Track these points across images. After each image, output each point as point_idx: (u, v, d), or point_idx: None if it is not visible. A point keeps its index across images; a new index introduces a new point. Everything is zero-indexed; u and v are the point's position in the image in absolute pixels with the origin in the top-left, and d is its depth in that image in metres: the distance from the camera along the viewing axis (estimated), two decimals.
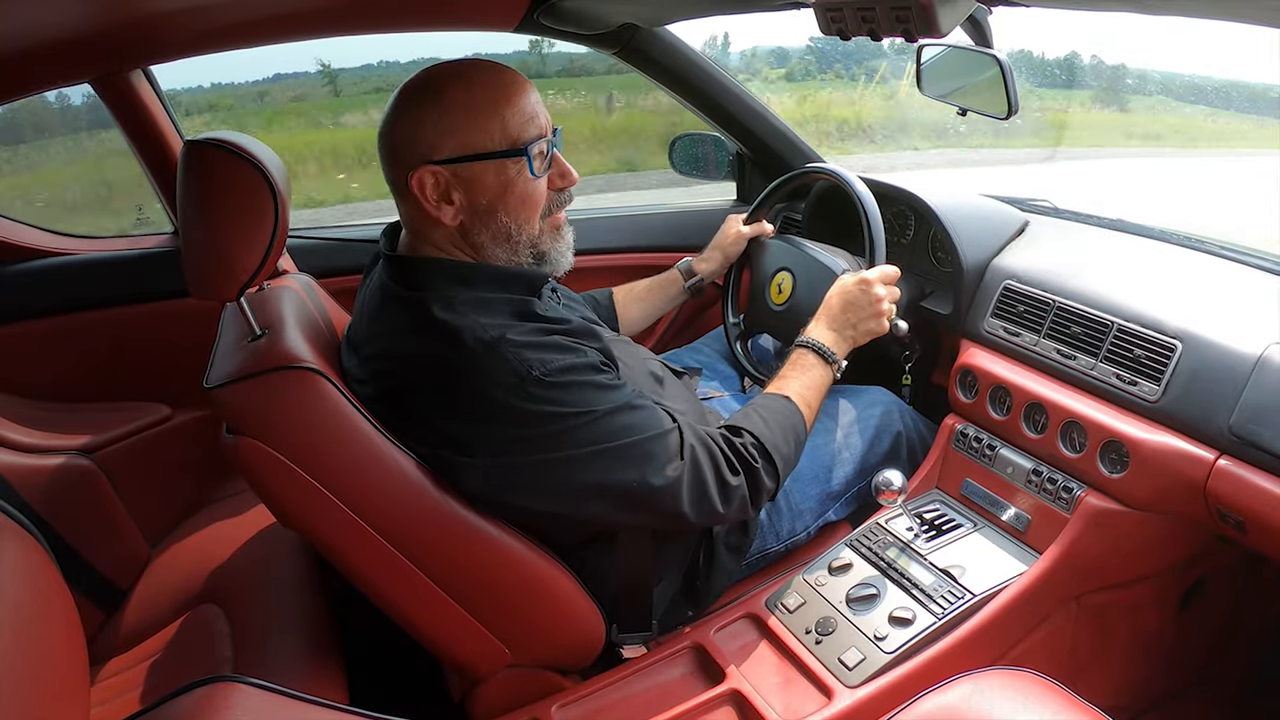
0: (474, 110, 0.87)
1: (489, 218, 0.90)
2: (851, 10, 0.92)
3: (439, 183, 0.88)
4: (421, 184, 0.88)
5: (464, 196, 0.89)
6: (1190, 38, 10.70)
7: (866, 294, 1.14)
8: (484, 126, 0.87)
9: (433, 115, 0.87)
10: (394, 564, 0.88)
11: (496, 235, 0.91)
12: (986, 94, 1.12)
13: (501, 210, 0.90)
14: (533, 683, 0.98)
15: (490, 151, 0.88)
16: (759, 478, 0.97)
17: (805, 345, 1.12)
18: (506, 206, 0.90)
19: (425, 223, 0.91)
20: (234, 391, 0.85)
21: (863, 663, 0.95)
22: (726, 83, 1.60)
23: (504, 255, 0.93)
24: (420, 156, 0.87)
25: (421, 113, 0.87)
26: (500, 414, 0.85)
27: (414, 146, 0.87)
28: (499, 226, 0.91)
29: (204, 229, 0.90)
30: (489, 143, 0.88)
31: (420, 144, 0.87)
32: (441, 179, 0.88)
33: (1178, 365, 0.98)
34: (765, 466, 0.98)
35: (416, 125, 0.87)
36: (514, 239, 0.92)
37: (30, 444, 1.21)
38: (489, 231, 0.91)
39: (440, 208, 0.89)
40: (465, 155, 0.87)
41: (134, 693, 0.99)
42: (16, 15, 0.83)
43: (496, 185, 0.89)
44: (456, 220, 0.90)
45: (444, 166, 0.88)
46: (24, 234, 1.44)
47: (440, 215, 0.89)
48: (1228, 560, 1.14)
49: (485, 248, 0.92)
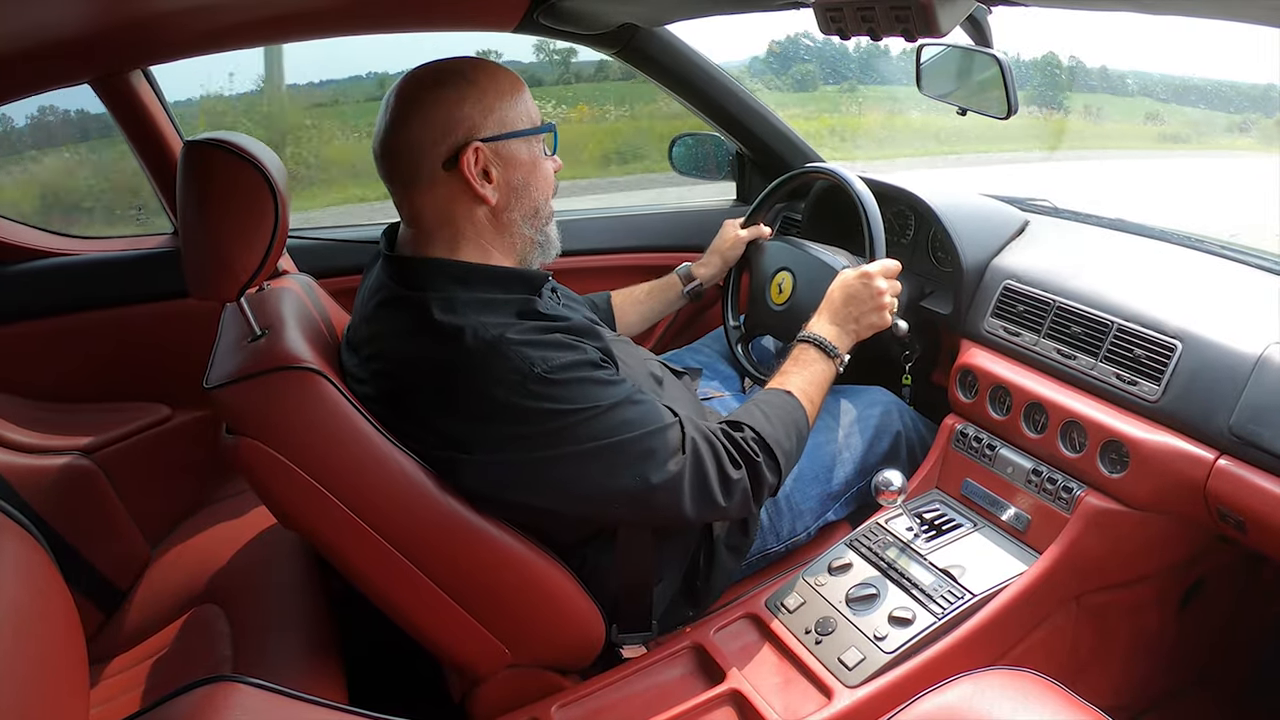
0: (502, 92, 0.92)
1: (523, 194, 0.95)
2: (851, 10, 0.92)
3: (480, 160, 0.91)
4: (470, 162, 0.90)
5: (502, 173, 0.92)
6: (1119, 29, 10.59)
7: (868, 287, 1.14)
8: (514, 106, 0.92)
9: (471, 96, 0.90)
10: (394, 564, 0.88)
11: (526, 212, 0.96)
12: (986, 94, 1.12)
13: (533, 186, 0.95)
14: (533, 683, 0.98)
15: (524, 129, 0.93)
16: (760, 472, 0.97)
17: (807, 340, 1.12)
18: (536, 182, 0.95)
19: (460, 207, 0.92)
20: (234, 392, 0.85)
21: (863, 663, 0.95)
22: (726, 83, 1.60)
23: (528, 232, 0.97)
24: (466, 134, 0.90)
25: (457, 94, 0.90)
26: (502, 412, 0.85)
27: (458, 126, 0.90)
28: (530, 203, 0.95)
29: (204, 229, 0.90)
30: (520, 121, 0.93)
31: (464, 123, 0.90)
32: (483, 156, 0.90)
33: (1178, 365, 0.98)
34: (767, 460, 0.97)
35: (453, 107, 0.90)
36: (540, 214, 0.97)
37: (30, 444, 1.21)
38: (521, 209, 0.95)
39: (483, 185, 0.91)
40: (506, 132, 0.91)
41: (134, 692, 0.99)
42: (16, 15, 0.83)
43: (529, 161, 0.94)
44: (495, 198, 0.93)
45: (487, 144, 0.90)
46: (24, 234, 1.44)
47: (484, 193, 0.92)
48: (1228, 560, 1.14)
49: (515, 225, 0.95)
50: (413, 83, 0.91)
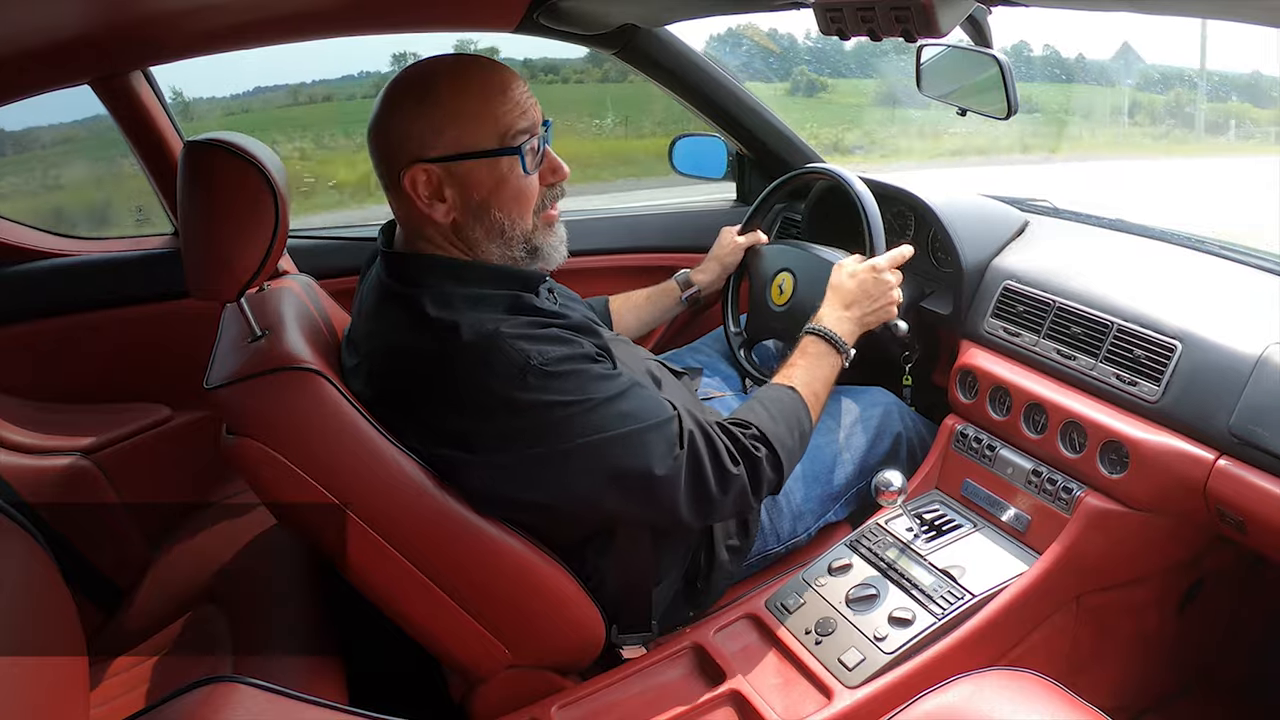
0: (466, 108, 0.87)
1: (482, 214, 0.90)
2: (851, 10, 0.92)
3: (431, 180, 0.88)
4: (414, 182, 0.87)
5: (457, 194, 0.89)
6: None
7: (878, 280, 1.14)
8: (477, 124, 0.87)
9: (425, 112, 0.86)
10: (394, 564, 0.88)
11: (490, 231, 0.91)
12: (986, 94, 1.12)
13: (495, 206, 0.90)
14: (533, 683, 0.98)
15: (483, 150, 0.87)
16: (761, 469, 0.96)
17: (814, 333, 1.11)
18: (500, 203, 0.90)
19: (418, 220, 0.91)
20: (234, 392, 0.85)
21: (862, 663, 0.95)
22: (726, 83, 1.60)
23: (498, 251, 0.92)
24: (412, 154, 0.87)
25: (414, 110, 0.87)
26: (500, 406, 0.85)
27: (406, 143, 0.87)
28: (492, 222, 0.90)
29: (204, 229, 0.90)
30: (482, 140, 0.87)
31: (412, 141, 0.87)
32: (434, 176, 0.87)
33: (1178, 365, 0.98)
34: (769, 458, 0.97)
35: (409, 122, 0.87)
36: (507, 234, 0.91)
37: (30, 444, 1.21)
38: (482, 228, 0.91)
39: (433, 205, 0.89)
40: (458, 154, 0.87)
41: (134, 692, 0.99)
42: (16, 15, 0.83)
43: (490, 182, 0.89)
44: (449, 217, 0.90)
45: (437, 164, 0.87)
46: (24, 234, 1.44)
47: (432, 213, 0.89)
48: (1228, 560, 1.14)
49: (479, 244, 0.92)
50: (391, 84, 0.89)
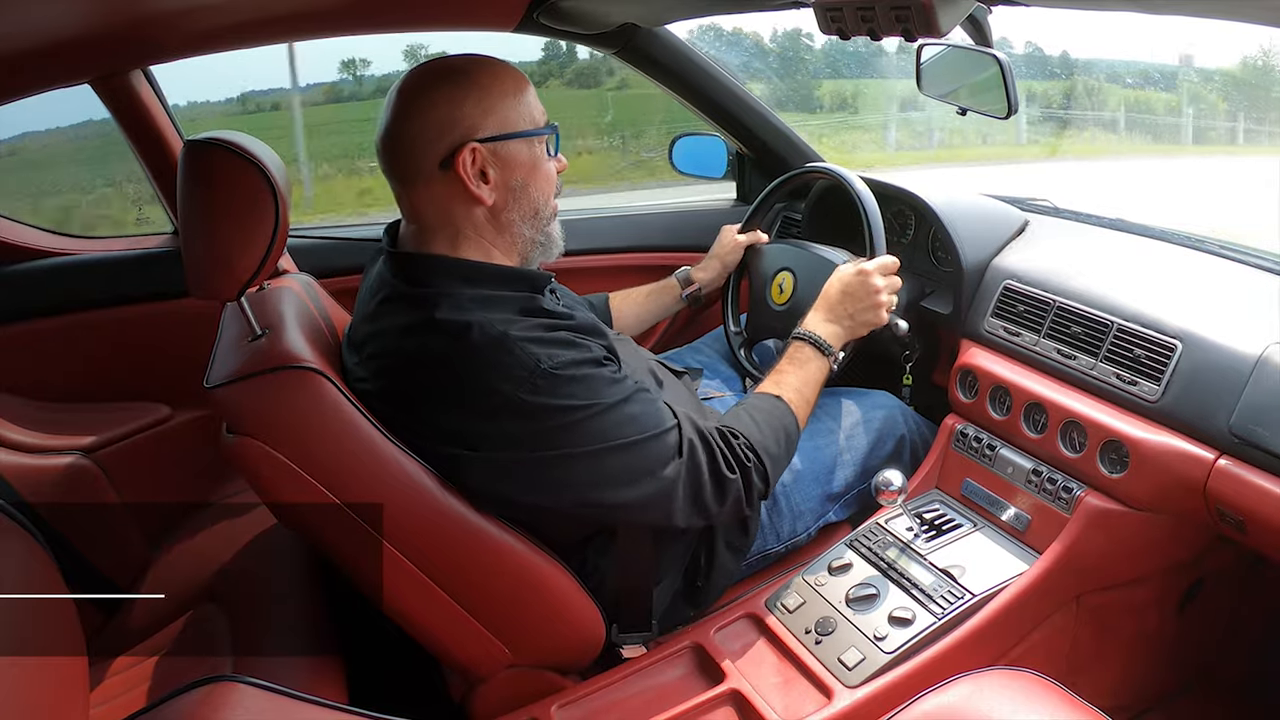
0: (505, 92, 0.91)
1: (521, 195, 0.94)
2: (851, 10, 0.92)
3: (477, 160, 0.90)
4: (465, 163, 0.89)
5: (500, 174, 0.92)
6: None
7: (865, 284, 1.14)
8: (515, 107, 0.92)
9: (472, 95, 0.90)
10: (394, 564, 0.88)
11: (525, 213, 0.95)
12: (986, 93, 1.12)
13: (532, 187, 0.94)
14: (533, 683, 0.98)
15: (525, 130, 0.92)
16: (752, 478, 0.97)
17: (801, 338, 1.12)
18: (536, 183, 0.94)
19: (458, 206, 0.92)
20: (234, 391, 0.85)
21: (862, 663, 0.95)
22: (726, 83, 1.60)
23: (529, 233, 0.96)
24: (463, 135, 0.89)
25: (457, 95, 0.89)
26: (507, 408, 0.85)
27: (455, 126, 0.89)
28: (529, 203, 0.95)
29: (204, 229, 0.90)
30: (522, 121, 0.92)
31: (462, 123, 0.89)
32: (480, 156, 0.90)
33: (1178, 365, 0.98)
34: (757, 467, 0.98)
35: (454, 106, 0.89)
36: (540, 215, 0.96)
37: (31, 444, 1.21)
38: (519, 209, 0.94)
39: (479, 186, 0.91)
40: (505, 133, 0.91)
41: (134, 692, 0.99)
42: (16, 15, 0.83)
43: (529, 162, 0.93)
44: (492, 199, 0.92)
45: (484, 145, 0.89)
46: (24, 234, 1.44)
47: (480, 194, 0.91)
48: (1228, 560, 1.14)
49: (514, 226, 0.95)
50: (416, 78, 0.91)
